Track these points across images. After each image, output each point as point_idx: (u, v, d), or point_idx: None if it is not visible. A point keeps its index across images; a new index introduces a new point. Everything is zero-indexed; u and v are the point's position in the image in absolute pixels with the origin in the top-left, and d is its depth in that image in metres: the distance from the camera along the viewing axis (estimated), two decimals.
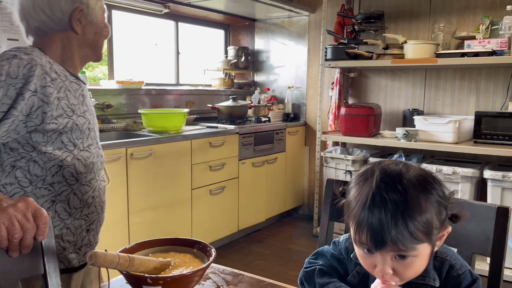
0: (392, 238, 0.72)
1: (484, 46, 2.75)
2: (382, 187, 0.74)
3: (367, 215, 0.74)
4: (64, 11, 1.13)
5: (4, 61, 1.01)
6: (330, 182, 1.32)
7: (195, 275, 0.86)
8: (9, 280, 0.89)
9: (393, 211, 0.72)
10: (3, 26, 2.19)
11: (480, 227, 1.07)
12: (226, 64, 3.96)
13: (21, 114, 1.02)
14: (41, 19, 1.13)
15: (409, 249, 0.74)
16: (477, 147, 2.74)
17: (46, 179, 1.08)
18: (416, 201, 0.73)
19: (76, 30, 1.16)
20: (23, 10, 1.13)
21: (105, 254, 0.79)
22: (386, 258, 0.75)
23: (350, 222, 0.78)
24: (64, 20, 1.14)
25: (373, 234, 0.73)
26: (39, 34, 1.15)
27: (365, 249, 0.77)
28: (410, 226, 0.72)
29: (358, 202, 0.76)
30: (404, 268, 0.76)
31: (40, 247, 0.94)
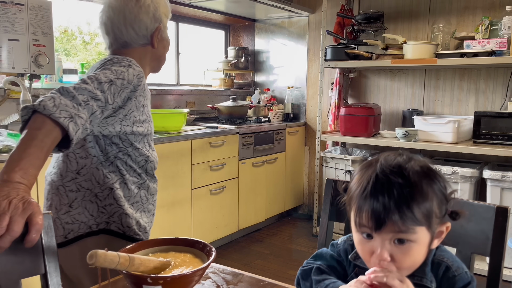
0: (392, 217, 0.73)
1: (483, 46, 2.75)
2: (385, 171, 0.76)
3: (369, 195, 0.75)
4: (148, 29, 1.34)
5: (123, 67, 1.20)
6: (329, 182, 1.33)
7: (195, 274, 0.86)
8: (10, 279, 0.90)
9: (396, 192, 0.73)
10: (4, 27, 2.19)
11: (479, 227, 1.07)
12: (226, 65, 3.96)
13: (122, 114, 1.21)
14: (129, 34, 1.32)
15: (409, 231, 0.74)
16: (477, 147, 2.74)
17: (136, 170, 1.30)
18: (419, 184, 0.75)
19: (154, 45, 1.37)
20: (113, 25, 1.32)
21: (105, 253, 0.79)
22: (385, 242, 0.75)
23: (352, 205, 0.79)
24: (147, 36, 1.34)
25: (373, 214, 0.74)
26: (124, 47, 1.34)
27: (365, 233, 0.77)
28: (412, 206, 0.73)
29: (361, 184, 0.77)
30: (402, 254, 0.76)
31: (41, 247, 0.94)
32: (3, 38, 2.19)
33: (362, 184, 0.77)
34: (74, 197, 1.24)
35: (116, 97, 1.16)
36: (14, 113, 2.44)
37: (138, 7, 1.31)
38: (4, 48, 2.19)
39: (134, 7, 1.30)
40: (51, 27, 2.38)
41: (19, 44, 2.25)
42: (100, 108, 1.11)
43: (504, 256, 1.05)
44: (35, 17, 2.30)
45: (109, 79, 1.14)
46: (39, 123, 0.96)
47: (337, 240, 0.97)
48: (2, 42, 2.19)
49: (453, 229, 1.11)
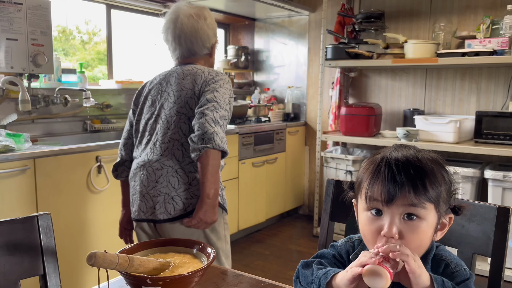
0: (406, 188, 0.75)
1: (484, 45, 2.74)
2: (395, 154, 0.79)
3: (382, 170, 0.77)
4: (210, 42, 1.67)
5: (227, 82, 1.60)
6: (330, 182, 1.32)
7: (195, 275, 0.86)
8: (9, 280, 0.89)
9: (408, 168, 0.76)
10: (2, 26, 2.18)
11: (480, 227, 1.06)
12: (226, 64, 3.95)
13: None
14: (199, 46, 1.64)
15: (420, 205, 0.76)
16: (478, 147, 2.73)
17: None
18: (431, 166, 0.78)
19: (212, 55, 1.72)
20: (186, 38, 1.61)
21: (104, 254, 0.78)
22: (395, 217, 0.77)
23: (361, 187, 0.81)
24: (208, 48, 1.67)
25: (386, 186, 0.76)
26: (192, 55, 1.66)
27: (374, 209, 0.78)
28: (424, 181, 0.76)
29: (372, 163, 0.80)
30: (411, 232, 0.76)
31: (40, 247, 0.93)
32: (1, 38, 2.18)
33: (373, 164, 0.80)
34: (193, 177, 1.53)
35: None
36: (12, 113, 2.43)
37: (206, 25, 1.63)
38: (2, 47, 2.19)
39: (204, 24, 1.62)
40: (50, 27, 2.37)
41: (18, 43, 2.24)
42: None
43: (505, 256, 1.04)
44: (33, 16, 2.29)
45: (228, 101, 1.56)
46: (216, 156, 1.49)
47: (337, 242, 0.96)
48: (0, 42, 2.18)
49: (454, 229, 1.11)
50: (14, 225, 0.90)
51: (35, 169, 2.01)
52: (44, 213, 0.94)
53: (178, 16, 1.60)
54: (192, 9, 1.63)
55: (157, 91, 1.64)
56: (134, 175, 1.60)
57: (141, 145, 1.62)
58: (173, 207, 1.52)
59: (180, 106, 1.55)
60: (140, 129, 1.64)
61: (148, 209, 1.54)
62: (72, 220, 2.16)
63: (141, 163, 1.57)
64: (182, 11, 1.61)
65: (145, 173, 1.55)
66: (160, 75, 1.68)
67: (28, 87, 2.37)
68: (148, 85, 1.69)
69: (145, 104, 1.65)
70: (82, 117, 2.86)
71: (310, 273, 0.88)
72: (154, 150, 1.56)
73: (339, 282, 0.80)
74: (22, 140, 2.05)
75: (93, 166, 2.23)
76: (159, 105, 1.60)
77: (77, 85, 2.77)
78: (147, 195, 1.54)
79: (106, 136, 2.80)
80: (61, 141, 2.51)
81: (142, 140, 1.63)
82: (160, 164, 1.53)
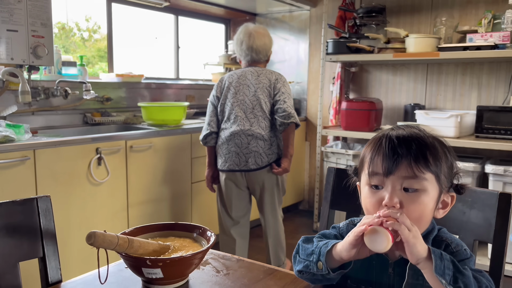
0: (405, 160, 0.77)
1: (486, 39, 2.74)
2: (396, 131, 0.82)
3: (383, 143, 0.79)
4: (269, 52, 2.48)
5: (286, 80, 2.43)
6: (331, 170, 1.31)
7: (195, 257, 0.85)
8: (8, 262, 0.89)
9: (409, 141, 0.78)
10: (3, 17, 2.17)
11: (482, 213, 1.06)
12: (227, 59, 3.94)
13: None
14: (263, 55, 2.44)
15: (420, 176, 0.77)
16: (479, 142, 2.73)
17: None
18: (432, 141, 0.80)
19: (268, 61, 2.53)
20: (256, 49, 2.39)
21: (104, 234, 0.78)
22: (395, 188, 0.77)
23: (364, 164, 0.83)
24: (268, 56, 2.49)
25: (386, 157, 0.78)
26: (258, 62, 2.44)
27: (376, 183, 0.80)
28: (425, 151, 0.78)
29: (374, 140, 0.82)
30: (412, 202, 0.77)
31: (39, 230, 0.93)
32: (1, 29, 2.17)
33: (375, 139, 0.82)
34: (272, 140, 2.35)
35: None
36: (12, 104, 2.42)
37: (269, 41, 2.46)
38: (3, 38, 2.18)
39: (268, 41, 2.45)
40: (50, 18, 2.36)
41: (18, 35, 2.24)
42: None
43: (507, 243, 1.03)
44: (34, 8, 2.28)
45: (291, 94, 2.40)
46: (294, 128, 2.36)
47: (338, 224, 0.95)
48: (0, 33, 2.17)
49: (455, 216, 1.10)
50: (14, 207, 0.89)
51: (35, 160, 2.00)
52: (44, 195, 0.94)
53: (251, 34, 2.38)
54: (260, 29, 2.46)
55: (238, 83, 2.35)
56: (228, 140, 2.31)
57: (230, 120, 2.32)
58: (260, 160, 2.30)
59: (260, 93, 2.31)
60: (227, 109, 2.34)
61: (241, 163, 2.30)
62: (72, 211, 2.16)
63: (235, 132, 2.29)
64: (254, 30, 2.41)
65: (239, 138, 2.29)
66: (236, 72, 2.40)
67: (28, 79, 2.36)
68: (227, 79, 2.40)
69: (229, 92, 2.35)
70: (82, 110, 2.85)
71: (310, 246, 0.88)
72: (244, 123, 2.29)
73: (341, 249, 0.80)
74: (22, 131, 2.05)
75: (93, 157, 2.23)
76: (242, 92, 2.33)
77: (78, 78, 2.76)
78: (240, 153, 2.29)
79: (106, 129, 2.80)
80: (61, 133, 2.51)
81: (230, 116, 2.32)
82: (250, 132, 2.28)
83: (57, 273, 0.94)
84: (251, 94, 2.31)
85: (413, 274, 0.78)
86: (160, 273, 0.83)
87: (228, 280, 0.92)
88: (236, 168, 2.31)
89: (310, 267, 0.85)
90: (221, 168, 2.35)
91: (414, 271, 0.77)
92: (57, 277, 0.94)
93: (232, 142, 2.29)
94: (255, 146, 2.28)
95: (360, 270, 0.89)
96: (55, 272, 0.94)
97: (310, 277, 0.87)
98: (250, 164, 2.29)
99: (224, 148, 2.32)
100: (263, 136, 2.29)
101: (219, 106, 2.38)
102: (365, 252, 0.78)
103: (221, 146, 2.34)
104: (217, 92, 2.40)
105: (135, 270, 0.86)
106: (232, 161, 2.30)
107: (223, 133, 2.33)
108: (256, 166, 2.30)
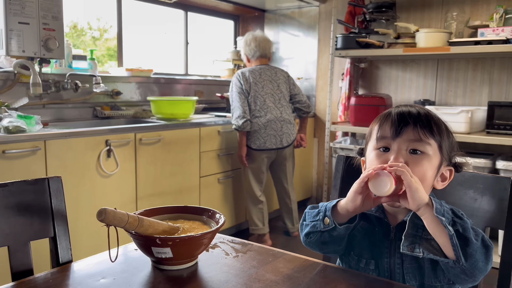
0: (412, 124, 0.83)
1: (497, 34, 2.70)
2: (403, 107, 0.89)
3: (392, 112, 0.87)
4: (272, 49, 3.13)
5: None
6: (340, 158, 1.31)
7: (204, 237, 0.85)
8: (19, 241, 0.89)
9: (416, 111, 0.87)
10: (14, 10, 2.20)
11: (493, 200, 1.05)
12: (235, 55, 3.94)
13: None
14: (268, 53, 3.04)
15: (425, 140, 0.84)
16: (490, 137, 2.70)
17: None
18: (435, 116, 0.88)
19: (270, 58, 3.11)
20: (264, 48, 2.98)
21: (115, 211, 0.78)
22: (401, 148, 0.84)
23: (373, 130, 0.89)
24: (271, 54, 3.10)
25: (397, 121, 0.85)
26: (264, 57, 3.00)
27: (382, 147, 0.86)
28: (429, 120, 0.85)
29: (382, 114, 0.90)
30: (415, 164, 0.83)
31: (50, 210, 0.94)
32: (13, 21, 2.20)
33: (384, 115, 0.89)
34: (294, 123, 3.03)
35: None
36: (24, 96, 2.45)
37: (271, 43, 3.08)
38: (14, 31, 2.20)
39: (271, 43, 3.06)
40: (61, 12, 2.38)
41: (29, 27, 2.26)
42: None
43: None
44: (45, 1, 2.30)
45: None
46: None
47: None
48: (12, 25, 2.19)
49: (467, 203, 1.09)
50: (25, 186, 0.90)
51: (46, 151, 2.02)
52: (55, 176, 0.95)
53: (256, 37, 2.97)
54: (263, 34, 3.07)
55: (262, 79, 2.88)
56: (265, 126, 2.84)
57: (264, 110, 2.85)
58: (290, 139, 2.96)
59: (282, 87, 2.95)
60: (259, 101, 2.85)
61: (277, 142, 2.89)
62: (81, 202, 2.18)
63: (270, 119, 2.85)
64: (259, 35, 3.01)
65: (274, 124, 2.86)
66: (255, 70, 2.91)
67: (39, 72, 2.38)
68: (249, 75, 2.87)
69: (256, 86, 2.85)
70: (92, 103, 2.87)
71: (316, 208, 0.93)
72: (276, 111, 2.88)
73: (346, 201, 0.87)
74: (33, 122, 2.07)
75: (103, 150, 2.24)
76: (267, 87, 2.89)
77: (88, 71, 2.78)
78: (276, 135, 2.88)
79: (115, 122, 2.82)
80: (71, 126, 2.53)
81: (263, 106, 2.85)
82: (282, 118, 2.89)
83: (67, 253, 0.95)
84: (275, 88, 2.91)
85: (412, 226, 0.83)
86: (169, 253, 0.84)
87: (237, 262, 0.91)
88: (273, 147, 2.90)
89: (317, 226, 0.90)
90: (260, 147, 2.87)
91: (413, 224, 0.84)
92: (68, 257, 0.95)
93: (269, 127, 2.85)
94: (286, 128, 2.92)
95: (363, 239, 0.93)
96: (66, 252, 0.94)
97: (318, 240, 0.92)
98: (284, 142, 2.92)
99: (262, 132, 2.85)
100: (290, 121, 2.95)
101: (250, 98, 2.84)
102: (369, 204, 0.84)
103: (258, 131, 2.85)
104: (245, 86, 2.84)
105: (145, 249, 0.87)
106: (271, 142, 2.87)
107: (259, 120, 2.84)
108: (287, 143, 2.95)
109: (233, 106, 2.87)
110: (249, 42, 2.96)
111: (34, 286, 0.78)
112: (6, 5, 2.16)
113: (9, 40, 2.20)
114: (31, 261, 0.90)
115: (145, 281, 0.83)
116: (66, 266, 0.88)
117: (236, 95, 2.84)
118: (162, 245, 0.82)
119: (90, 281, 0.81)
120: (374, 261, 0.92)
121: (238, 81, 2.85)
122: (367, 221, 0.94)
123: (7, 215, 0.88)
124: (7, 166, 1.90)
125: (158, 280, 0.82)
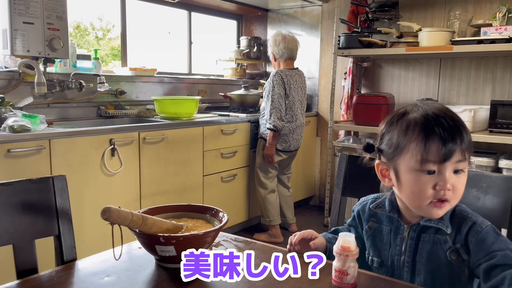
0: (461, 144, 0.80)
1: (501, 33, 2.70)
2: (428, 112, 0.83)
3: (434, 129, 0.80)
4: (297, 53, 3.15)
5: None
6: (343, 157, 1.31)
7: (208, 235, 0.86)
8: (24, 240, 0.90)
9: (453, 124, 0.81)
10: (19, 10, 2.21)
11: (497, 199, 1.05)
12: (238, 54, 3.95)
13: None
14: (296, 54, 3.07)
15: (466, 159, 0.82)
16: (493, 136, 2.69)
17: None
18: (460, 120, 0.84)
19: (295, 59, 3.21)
20: (292, 50, 3.02)
21: (119, 210, 0.79)
22: (449, 172, 0.81)
23: (407, 146, 0.83)
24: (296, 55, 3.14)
25: (444, 143, 0.80)
26: (291, 59, 3.06)
27: (426, 170, 0.81)
28: (469, 135, 0.83)
29: (417, 123, 0.82)
30: (459, 183, 0.83)
31: (55, 208, 0.94)
32: (18, 21, 2.21)
33: (418, 124, 0.82)
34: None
35: None
36: (28, 96, 2.46)
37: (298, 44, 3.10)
38: (19, 31, 2.22)
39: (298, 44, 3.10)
40: (66, 12, 2.40)
41: (34, 27, 2.27)
42: None
43: None
44: (50, 1, 2.31)
45: None
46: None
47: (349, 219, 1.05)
48: (17, 25, 2.21)
49: (470, 202, 1.09)
50: (30, 185, 0.91)
51: (50, 150, 2.03)
52: (60, 175, 0.95)
53: (285, 37, 2.99)
54: (292, 35, 3.07)
55: (295, 84, 3.00)
56: (294, 130, 3.02)
57: (295, 115, 3.01)
58: (301, 141, 3.17)
59: (305, 93, 3.14)
60: (294, 106, 2.99)
61: (296, 144, 3.10)
62: (85, 200, 2.19)
63: (298, 125, 3.04)
64: (288, 35, 3.03)
65: (300, 129, 3.09)
66: (288, 73, 2.97)
67: (44, 72, 2.40)
68: (285, 78, 2.94)
69: (290, 90, 2.96)
70: (96, 102, 2.88)
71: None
72: (301, 117, 3.09)
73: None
74: (38, 121, 2.08)
75: (107, 148, 2.25)
76: (296, 92, 3.01)
77: (92, 71, 2.79)
78: (298, 139, 3.09)
79: (119, 121, 2.83)
80: (75, 125, 2.54)
81: (295, 111, 3.01)
82: (303, 124, 3.13)
83: (72, 252, 0.96)
84: (303, 93, 3.08)
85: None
86: (173, 251, 0.84)
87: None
88: (293, 149, 3.12)
89: None
90: (285, 149, 3.06)
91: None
92: (72, 255, 0.96)
93: (297, 132, 3.05)
94: (303, 132, 3.15)
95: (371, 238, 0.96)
96: (70, 251, 0.95)
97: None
98: (299, 144, 3.16)
99: (289, 136, 3.02)
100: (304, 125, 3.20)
101: (287, 102, 2.97)
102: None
103: (287, 134, 3.00)
104: (287, 90, 2.96)
105: (149, 248, 0.87)
106: (294, 144, 3.08)
107: (290, 125, 3.00)
108: (300, 145, 3.19)
109: (273, 107, 2.90)
110: (278, 42, 2.98)
111: (39, 284, 0.79)
112: (11, 5, 2.18)
113: (13, 40, 2.21)
114: (36, 259, 0.91)
115: (149, 279, 0.83)
116: (70, 264, 0.89)
117: (279, 96, 2.90)
118: (165, 244, 0.83)
119: (95, 279, 0.82)
120: (380, 259, 0.93)
121: (282, 82, 2.92)
122: (376, 220, 0.95)
123: (12, 214, 0.89)
124: (12, 165, 1.91)
125: (162, 278, 0.83)
